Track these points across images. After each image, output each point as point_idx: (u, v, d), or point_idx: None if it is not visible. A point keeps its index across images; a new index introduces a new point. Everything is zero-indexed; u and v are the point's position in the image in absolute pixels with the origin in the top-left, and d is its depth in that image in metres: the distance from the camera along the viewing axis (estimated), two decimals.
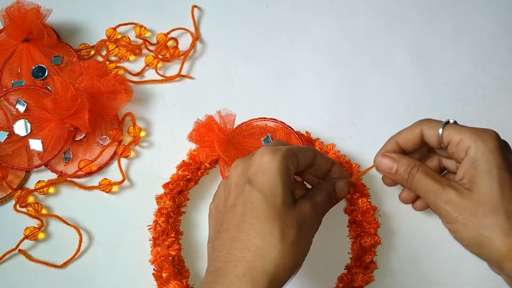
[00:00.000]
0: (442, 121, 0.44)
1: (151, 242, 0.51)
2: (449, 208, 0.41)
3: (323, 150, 0.54)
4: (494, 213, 0.39)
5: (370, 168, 0.47)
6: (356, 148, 0.57)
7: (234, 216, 0.40)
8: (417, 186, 0.44)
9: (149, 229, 0.51)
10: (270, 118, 0.55)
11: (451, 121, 0.44)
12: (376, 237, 0.51)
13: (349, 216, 0.53)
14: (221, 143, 0.51)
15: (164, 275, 0.48)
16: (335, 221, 0.52)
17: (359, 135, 0.58)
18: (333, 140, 0.56)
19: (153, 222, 0.51)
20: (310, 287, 0.52)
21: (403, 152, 0.46)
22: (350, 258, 0.52)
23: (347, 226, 0.53)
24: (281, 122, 0.55)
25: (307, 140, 0.55)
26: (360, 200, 0.52)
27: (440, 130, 0.43)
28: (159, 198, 0.52)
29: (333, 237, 0.53)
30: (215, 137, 0.51)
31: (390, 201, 0.54)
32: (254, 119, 0.55)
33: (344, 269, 0.51)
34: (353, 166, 0.54)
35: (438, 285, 0.52)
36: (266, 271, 0.37)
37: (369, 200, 0.52)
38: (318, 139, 0.55)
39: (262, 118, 0.55)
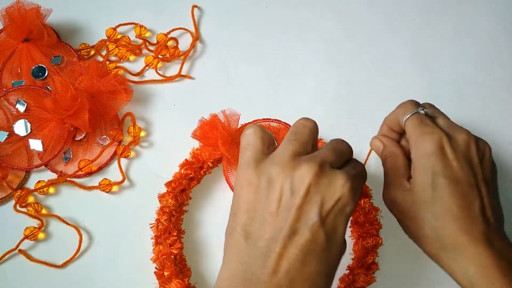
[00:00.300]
0: (417, 108, 0.45)
1: (153, 240, 0.51)
2: (392, 205, 0.44)
3: None
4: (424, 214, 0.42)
5: (369, 153, 0.51)
6: (356, 149, 0.56)
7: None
8: (384, 172, 0.46)
9: (151, 227, 0.51)
10: (274, 119, 0.55)
11: (422, 111, 0.45)
12: (378, 238, 0.51)
13: (351, 217, 0.53)
14: (225, 142, 0.51)
15: (165, 273, 0.48)
16: None
17: (359, 135, 0.58)
18: None
19: (155, 221, 0.51)
20: None
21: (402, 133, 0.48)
22: (352, 259, 0.52)
23: (349, 227, 0.53)
24: (285, 123, 0.55)
25: None
26: (362, 201, 0.52)
27: (404, 119, 0.45)
28: (161, 197, 0.52)
29: None
30: (219, 135, 0.51)
31: None
32: (258, 120, 0.55)
33: (346, 269, 0.51)
34: None
35: (439, 287, 0.52)
36: None
37: (371, 201, 0.52)
38: (321, 139, 0.55)
39: (266, 119, 0.55)
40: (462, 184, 0.41)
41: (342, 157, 0.40)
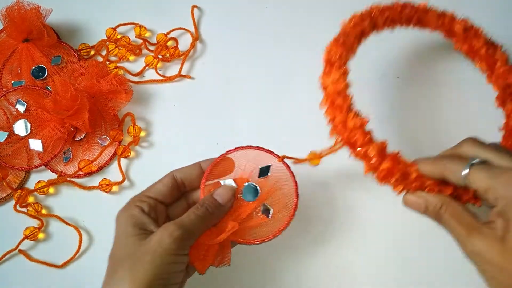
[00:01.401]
0: (464, 163, 0.39)
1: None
2: (475, 259, 0.38)
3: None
4: None
5: (332, 149, 0.45)
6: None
7: None
8: (447, 227, 0.40)
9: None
10: (256, 147, 0.48)
11: (475, 161, 0.40)
12: None
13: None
14: None
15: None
16: None
17: None
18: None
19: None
20: None
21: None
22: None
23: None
24: (267, 150, 0.48)
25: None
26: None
27: (463, 174, 0.39)
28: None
29: None
30: None
31: None
32: (241, 147, 0.49)
33: None
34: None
35: None
36: None
37: None
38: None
39: (248, 146, 0.48)
40: None
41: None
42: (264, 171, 0.47)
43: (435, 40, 0.60)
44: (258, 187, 0.46)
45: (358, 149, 0.42)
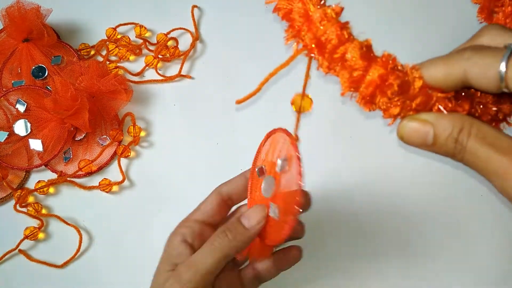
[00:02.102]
0: (498, 55, 0.26)
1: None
2: None
3: None
4: None
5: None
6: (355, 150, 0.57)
7: None
8: (473, 162, 0.28)
9: None
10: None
11: None
12: None
13: None
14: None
15: None
16: None
17: (360, 141, 0.58)
18: (333, 142, 0.56)
19: None
20: None
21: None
22: None
23: None
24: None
25: None
26: None
27: (501, 70, 0.26)
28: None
29: None
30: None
31: None
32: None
33: None
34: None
35: None
36: None
37: None
38: None
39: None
40: None
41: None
42: (283, 164, 0.39)
43: None
44: (274, 182, 0.39)
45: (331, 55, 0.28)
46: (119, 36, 0.60)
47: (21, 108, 0.55)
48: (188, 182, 0.54)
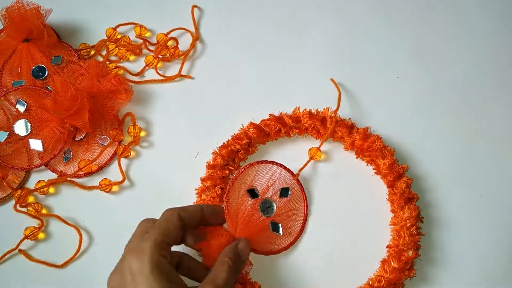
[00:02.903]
0: None
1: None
2: None
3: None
4: None
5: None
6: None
7: None
8: None
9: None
10: (270, 161, 0.54)
11: None
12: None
13: None
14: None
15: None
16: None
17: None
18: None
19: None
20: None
21: None
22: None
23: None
24: (280, 164, 0.54)
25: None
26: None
27: None
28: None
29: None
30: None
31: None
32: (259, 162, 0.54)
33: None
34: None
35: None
36: None
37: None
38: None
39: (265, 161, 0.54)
40: None
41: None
42: (284, 192, 0.53)
43: None
44: (274, 205, 0.52)
45: None
46: (119, 36, 0.60)
47: (21, 108, 0.55)
48: (187, 182, 0.54)
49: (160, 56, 0.60)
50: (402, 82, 0.61)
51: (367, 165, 0.56)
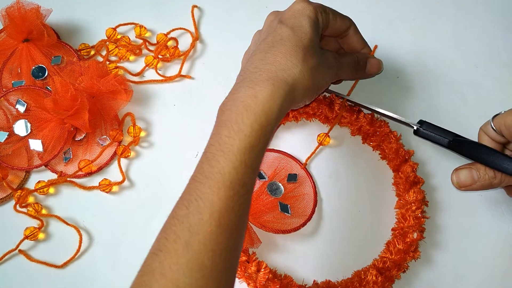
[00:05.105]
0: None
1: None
2: None
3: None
4: None
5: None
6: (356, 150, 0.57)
7: (264, 45, 0.45)
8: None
9: None
10: (277, 150, 0.56)
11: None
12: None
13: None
14: None
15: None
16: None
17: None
18: (332, 143, 0.56)
19: None
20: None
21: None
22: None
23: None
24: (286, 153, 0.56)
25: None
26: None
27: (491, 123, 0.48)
28: None
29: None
30: None
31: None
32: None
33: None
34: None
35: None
36: (286, 80, 0.43)
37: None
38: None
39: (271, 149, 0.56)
40: None
41: None
42: (292, 177, 0.54)
43: None
44: (282, 187, 0.53)
45: None
46: (119, 36, 0.60)
47: (21, 108, 0.55)
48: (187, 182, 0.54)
49: (160, 56, 0.60)
50: (402, 82, 0.61)
51: (373, 150, 0.56)
